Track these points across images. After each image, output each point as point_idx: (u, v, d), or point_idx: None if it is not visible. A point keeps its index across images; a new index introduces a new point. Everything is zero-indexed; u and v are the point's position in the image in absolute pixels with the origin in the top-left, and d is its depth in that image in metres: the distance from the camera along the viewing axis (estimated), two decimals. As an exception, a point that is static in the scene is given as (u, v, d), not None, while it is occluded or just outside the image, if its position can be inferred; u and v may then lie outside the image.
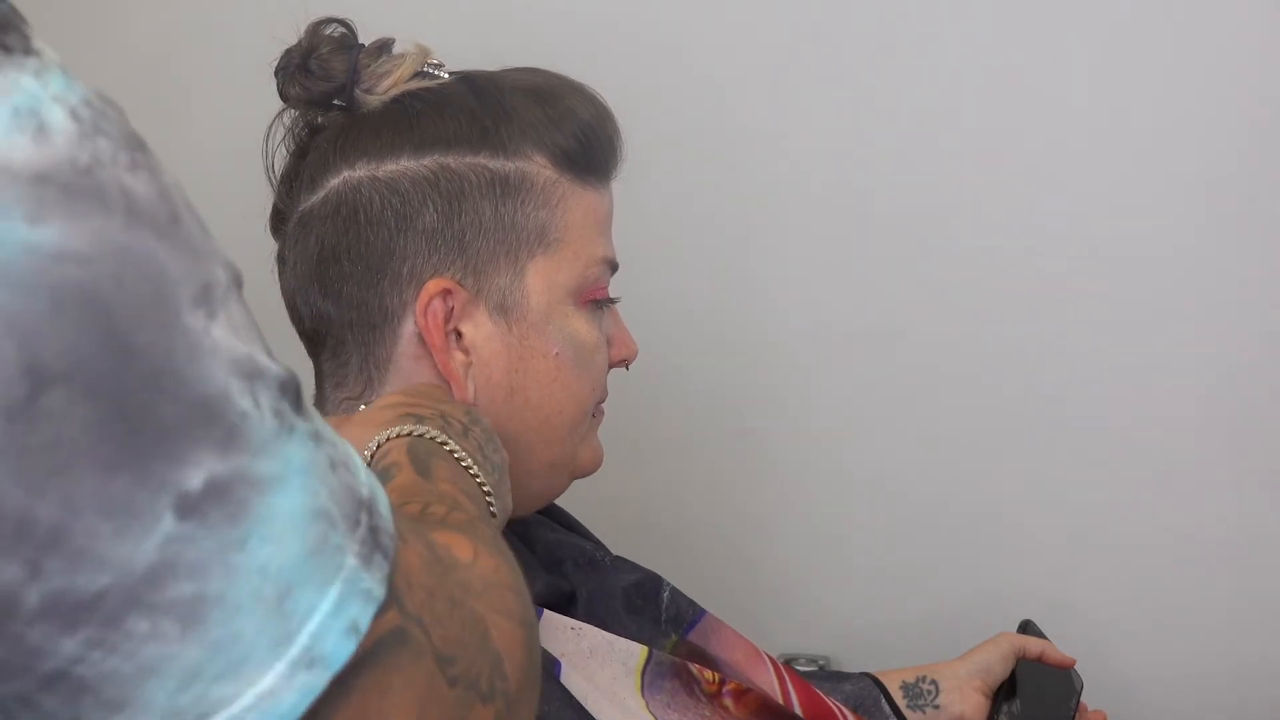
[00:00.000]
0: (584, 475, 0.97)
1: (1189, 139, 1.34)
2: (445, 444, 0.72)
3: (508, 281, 0.88)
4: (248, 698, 0.42)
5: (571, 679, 0.83)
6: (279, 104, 0.95)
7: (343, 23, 0.92)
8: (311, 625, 0.43)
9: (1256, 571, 1.41)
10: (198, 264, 0.43)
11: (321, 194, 0.90)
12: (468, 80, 0.92)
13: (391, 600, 0.46)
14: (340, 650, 0.44)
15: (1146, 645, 1.46)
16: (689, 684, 0.91)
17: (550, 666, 0.83)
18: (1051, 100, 1.37)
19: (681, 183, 1.43)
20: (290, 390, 0.45)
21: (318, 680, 0.43)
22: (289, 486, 0.43)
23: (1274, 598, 1.42)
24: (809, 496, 1.54)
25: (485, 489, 0.72)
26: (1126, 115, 1.35)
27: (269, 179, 0.96)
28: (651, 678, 0.89)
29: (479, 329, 0.88)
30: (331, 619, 0.44)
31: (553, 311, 0.89)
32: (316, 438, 0.46)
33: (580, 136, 0.90)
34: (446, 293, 0.86)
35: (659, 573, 1.03)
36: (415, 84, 0.91)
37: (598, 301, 0.92)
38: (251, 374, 0.43)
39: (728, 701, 0.94)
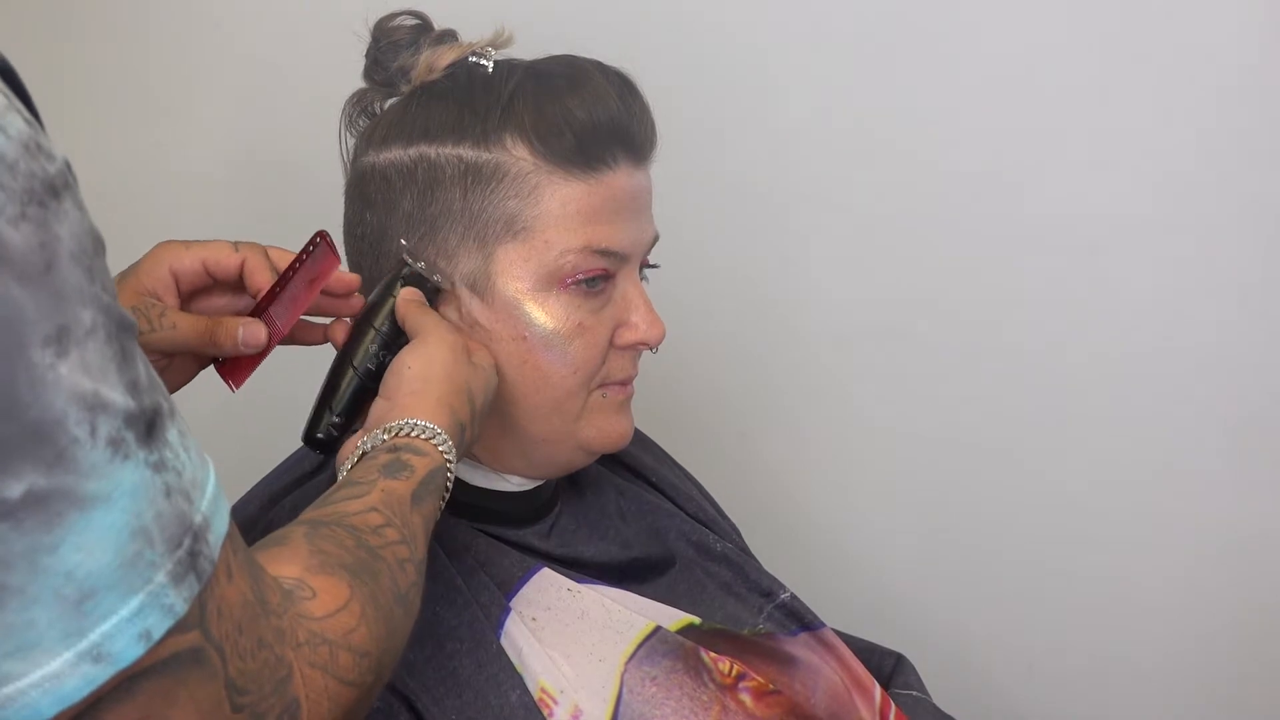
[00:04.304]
0: (602, 451, 0.98)
1: (1190, 139, 1.35)
2: (449, 480, 0.81)
3: (477, 266, 0.91)
4: (34, 676, 0.48)
5: (512, 630, 0.90)
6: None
7: (415, 14, 0.97)
8: (105, 626, 0.49)
9: (1256, 571, 1.42)
10: (59, 309, 0.47)
11: (351, 175, 0.98)
12: (486, 70, 0.94)
13: (195, 621, 0.52)
14: (128, 652, 0.49)
15: (1146, 645, 1.47)
16: (695, 669, 0.94)
17: (497, 616, 0.90)
18: (1056, 102, 1.37)
19: (679, 184, 1.43)
20: (138, 423, 0.50)
21: (100, 673, 0.49)
22: (114, 506, 0.48)
23: (1274, 598, 1.42)
24: (809, 497, 1.54)
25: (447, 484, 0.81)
26: (1129, 115, 1.36)
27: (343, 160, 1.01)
28: (648, 651, 0.93)
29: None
30: (127, 624, 0.49)
31: (521, 296, 0.91)
32: (158, 467, 0.51)
33: (568, 128, 0.90)
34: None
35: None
36: (443, 73, 0.94)
37: (589, 285, 0.92)
38: (94, 406, 0.48)
39: (744, 696, 0.94)
